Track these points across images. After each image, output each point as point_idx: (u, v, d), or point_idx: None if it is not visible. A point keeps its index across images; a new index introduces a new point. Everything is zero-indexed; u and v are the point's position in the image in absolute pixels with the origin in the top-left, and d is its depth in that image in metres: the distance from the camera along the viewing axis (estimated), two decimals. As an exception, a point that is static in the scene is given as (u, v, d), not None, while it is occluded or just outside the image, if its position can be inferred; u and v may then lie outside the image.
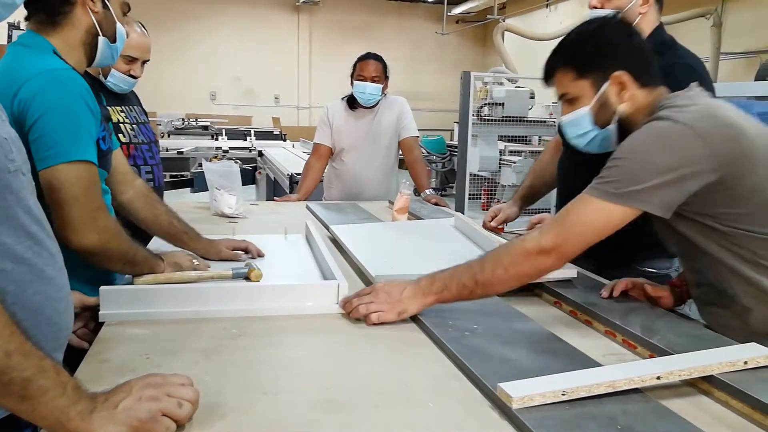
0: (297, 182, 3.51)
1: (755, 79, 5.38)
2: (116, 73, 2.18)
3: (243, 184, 2.44)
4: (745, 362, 1.00)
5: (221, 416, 0.87)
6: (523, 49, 11.28)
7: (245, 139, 7.52)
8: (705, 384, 0.99)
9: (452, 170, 8.73)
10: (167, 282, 1.36)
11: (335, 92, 3.48)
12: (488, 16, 11.03)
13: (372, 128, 2.96)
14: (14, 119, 1.21)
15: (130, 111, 2.33)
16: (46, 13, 1.31)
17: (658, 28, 1.76)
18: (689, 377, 0.98)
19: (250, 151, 6.23)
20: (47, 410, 0.72)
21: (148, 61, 2.27)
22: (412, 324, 1.26)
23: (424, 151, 8.37)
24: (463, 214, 2.36)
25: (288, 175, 4.15)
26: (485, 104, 7.07)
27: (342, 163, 3.00)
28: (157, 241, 1.68)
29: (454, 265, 1.27)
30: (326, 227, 2.10)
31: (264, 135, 8.35)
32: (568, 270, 1.51)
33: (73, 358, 1.04)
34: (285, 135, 8.84)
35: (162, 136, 8.18)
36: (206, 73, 13.21)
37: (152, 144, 2.38)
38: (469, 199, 6.59)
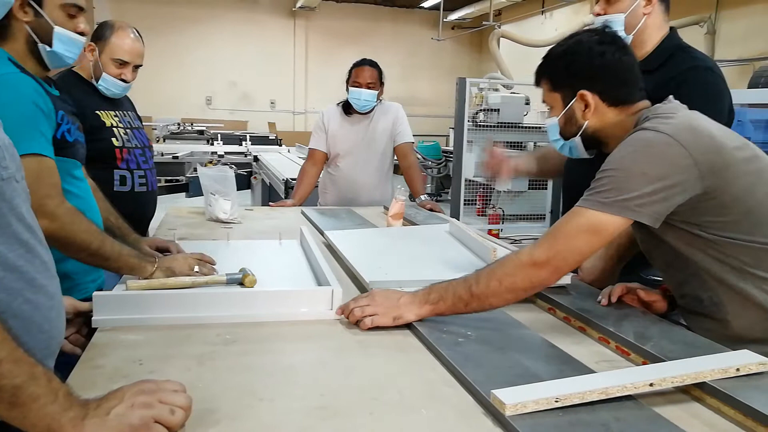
0: (292, 187, 3.51)
1: (748, 87, 5.42)
2: (107, 77, 2.19)
3: (238, 189, 2.43)
4: (738, 369, 1.00)
5: (215, 423, 0.86)
6: (519, 56, 11.32)
7: (241, 144, 7.51)
8: (697, 391, 0.99)
9: (447, 176, 8.76)
10: (161, 288, 1.35)
11: (331, 98, 3.49)
12: (484, 23, 11.07)
13: (367, 134, 2.97)
14: None
15: (124, 116, 2.33)
16: None
17: (672, 31, 1.76)
18: (682, 384, 0.98)
19: (246, 156, 6.23)
20: (38, 417, 0.71)
21: (140, 66, 2.27)
22: (407, 330, 1.26)
23: (419, 156, 8.39)
24: (459, 219, 2.36)
25: (283, 180, 4.15)
26: (480, 110, 7.10)
27: (337, 169, 3.00)
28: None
29: (452, 278, 1.27)
30: (321, 233, 2.10)
31: (260, 140, 8.35)
32: (562, 277, 1.51)
33: (65, 362, 1.03)
34: (281, 140, 8.85)
35: (157, 141, 8.19)
36: (202, 78, 13.22)
37: (146, 149, 2.38)
38: (464, 204, 6.60)
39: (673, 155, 1.16)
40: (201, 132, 8.85)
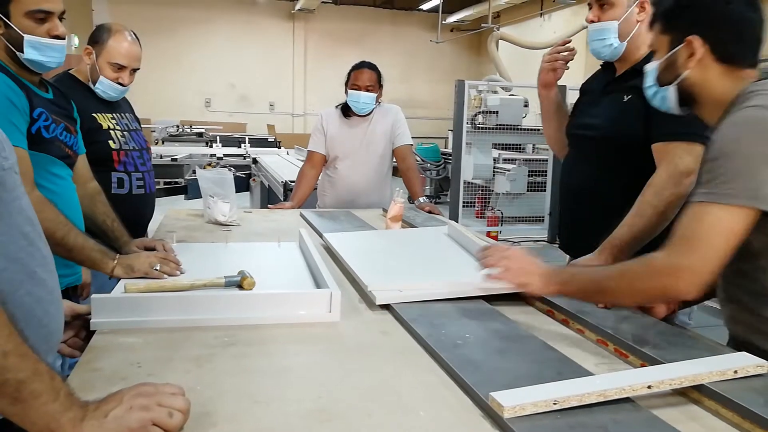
0: (291, 190, 3.51)
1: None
2: (104, 81, 2.19)
3: (237, 192, 2.44)
4: (735, 371, 1.01)
5: (213, 425, 0.86)
6: (517, 58, 11.34)
7: (240, 146, 7.52)
8: (695, 393, 0.99)
9: (446, 178, 8.76)
10: (159, 290, 1.35)
11: (330, 100, 3.49)
12: (483, 25, 11.10)
13: (366, 136, 2.97)
14: None
15: (121, 118, 2.33)
16: None
17: None
18: (680, 386, 0.98)
19: (245, 158, 6.23)
20: (38, 415, 0.71)
21: (137, 69, 2.27)
22: (405, 333, 1.26)
23: (418, 158, 8.39)
24: (458, 221, 2.36)
25: (282, 182, 4.15)
26: (479, 112, 7.11)
27: (336, 171, 3.00)
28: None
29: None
30: (320, 235, 2.10)
31: (258, 142, 8.36)
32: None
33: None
34: (279, 142, 8.86)
35: (156, 143, 8.18)
36: (201, 80, 13.22)
37: (144, 151, 2.38)
38: (463, 206, 6.61)
39: None
40: (200, 134, 8.86)
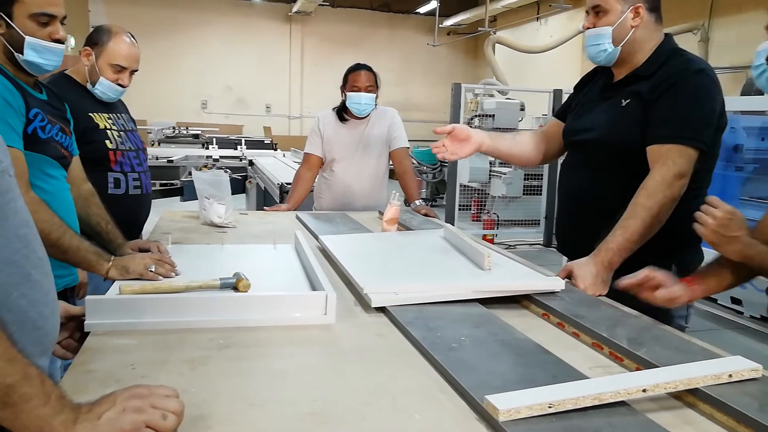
0: (287, 192, 3.51)
1: (741, 94, 5.46)
2: (104, 82, 2.19)
3: (233, 194, 2.43)
4: (730, 375, 1.01)
5: (207, 428, 0.86)
6: (514, 62, 11.38)
7: (236, 148, 7.52)
8: (690, 397, 1.00)
9: (442, 181, 8.77)
10: (154, 292, 1.35)
11: (326, 102, 3.49)
12: (479, 29, 11.12)
13: (363, 139, 2.97)
14: None
15: (118, 118, 2.33)
16: None
17: (667, 37, 1.78)
18: (675, 390, 0.99)
19: (241, 161, 6.22)
20: (29, 419, 0.71)
21: (136, 71, 2.28)
22: (400, 335, 1.26)
23: (414, 161, 8.39)
24: (453, 224, 2.36)
25: (278, 184, 4.15)
26: (476, 116, 7.13)
27: (332, 173, 3.00)
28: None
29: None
30: (315, 237, 2.10)
31: (255, 144, 8.36)
32: (556, 282, 1.51)
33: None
34: (276, 144, 8.85)
35: (152, 144, 8.17)
36: (198, 82, 13.21)
37: (140, 151, 2.38)
38: (459, 210, 6.62)
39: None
40: (196, 136, 8.85)
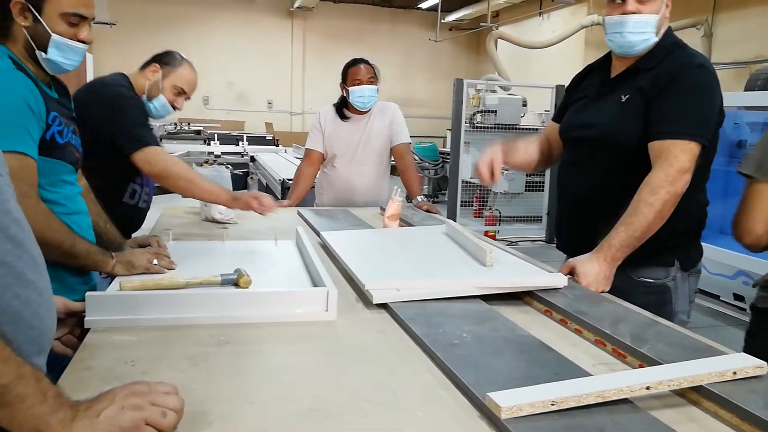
0: (289, 188, 3.51)
1: (745, 89, 5.43)
2: (162, 99, 2.24)
3: (234, 189, 2.43)
4: (734, 372, 1.00)
5: (207, 425, 0.86)
6: (516, 57, 11.34)
7: (238, 144, 7.52)
8: (694, 394, 0.99)
9: (444, 177, 8.76)
10: (155, 288, 1.34)
11: (328, 98, 3.47)
12: (481, 24, 11.09)
13: (364, 134, 2.96)
14: None
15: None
16: None
17: (668, 30, 1.76)
18: (678, 387, 0.98)
19: (243, 157, 6.23)
20: (26, 418, 0.70)
21: (189, 98, 2.37)
22: (402, 332, 1.25)
23: (416, 157, 8.39)
24: (455, 221, 2.35)
25: (280, 180, 4.15)
26: (478, 111, 7.11)
27: (334, 169, 2.99)
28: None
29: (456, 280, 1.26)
30: (317, 233, 2.10)
31: (256, 140, 8.36)
32: (559, 278, 1.50)
33: (57, 363, 1.02)
34: (278, 140, 8.85)
35: (154, 141, 8.14)
36: (199, 78, 12.99)
37: None
38: (461, 206, 6.61)
39: None
40: (198, 132, 8.84)
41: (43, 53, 1.48)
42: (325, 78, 12.71)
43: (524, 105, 7.28)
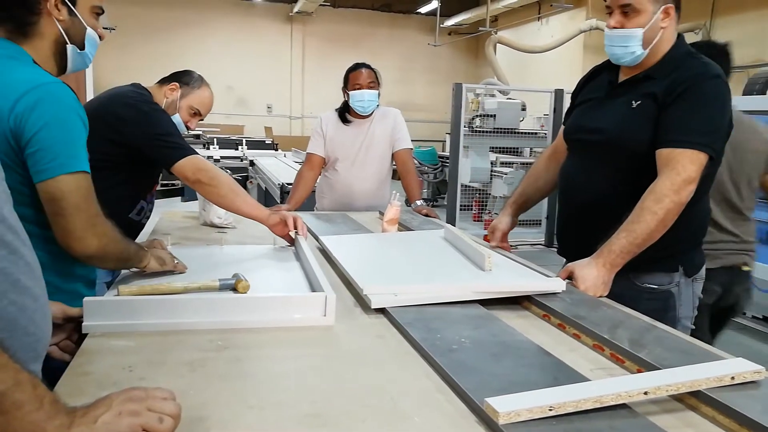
0: (288, 192, 3.51)
1: (743, 94, 5.43)
2: (177, 119, 2.22)
3: (233, 194, 2.42)
4: (732, 377, 1.00)
5: (205, 430, 0.85)
6: (515, 62, 11.37)
7: (237, 149, 7.52)
8: (692, 399, 0.99)
9: (444, 181, 8.76)
10: (153, 293, 1.34)
11: (328, 102, 3.49)
12: (480, 29, 11.12)
13: (366, 139, 2.96)
14: (11, 132, 1.24)
15: None
16: (14, 24, 1.31)
17: (680, 38, 1.74)
18: (677, 392, 0.98)
19: (242, 161, 6.23)
20: (22, 425, 0.70)
21: (202, 120, 2.36)
22: (400, 337, 1.25)
23: (415, 162, 8.38)
24: (455, 225, 2.36)
25: (279, 184, 4.15)
26: (477, 116, 7.12)
27: (335, 173, 2.99)
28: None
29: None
30: (316, 238, 2.10)
31: (256, 144, 8.37)
32: (557, 283, 1.50)
33: (54, 368, 1.02)
34: (277, 144, 8.86)
35: (153, 145, 8.14)
36: (199, 82, 13.18)
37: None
38: (460, 210, 6.60)
39: None
40: (197, 136, 8.84)
41: (77, 48, 1.40)
42: (324, 82, 12.74)
43: (523, 109, 7.29)
